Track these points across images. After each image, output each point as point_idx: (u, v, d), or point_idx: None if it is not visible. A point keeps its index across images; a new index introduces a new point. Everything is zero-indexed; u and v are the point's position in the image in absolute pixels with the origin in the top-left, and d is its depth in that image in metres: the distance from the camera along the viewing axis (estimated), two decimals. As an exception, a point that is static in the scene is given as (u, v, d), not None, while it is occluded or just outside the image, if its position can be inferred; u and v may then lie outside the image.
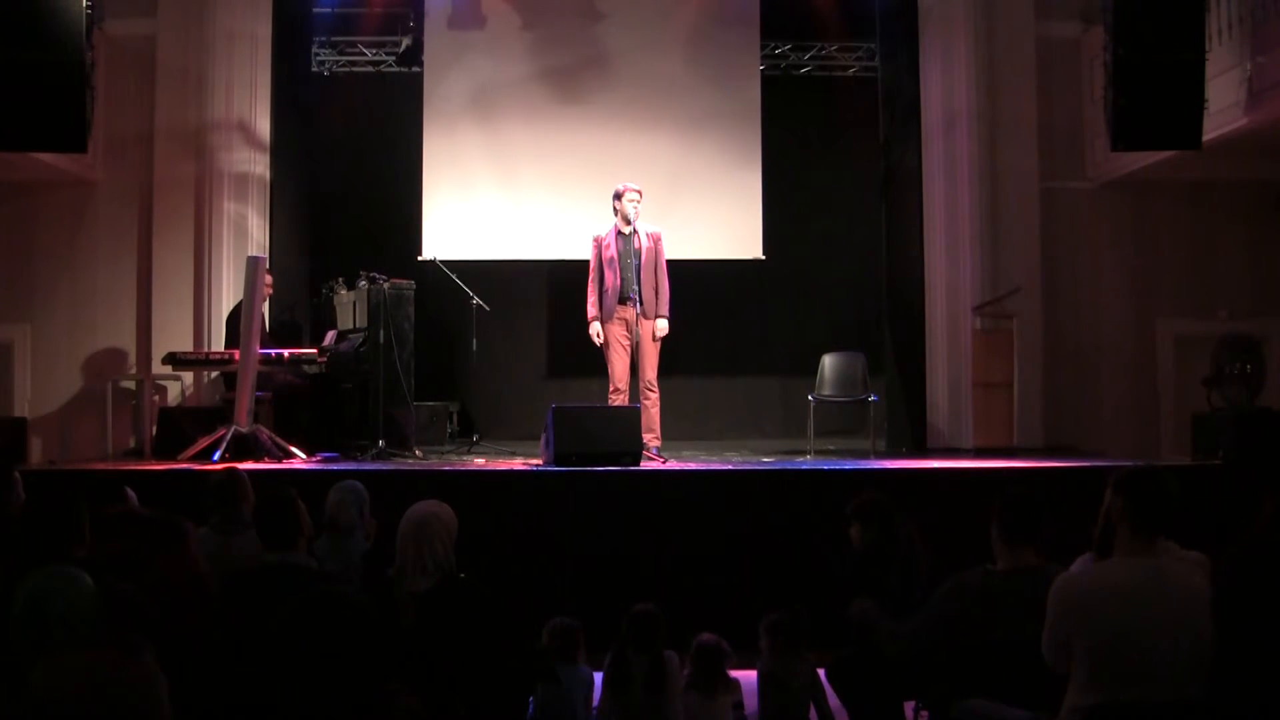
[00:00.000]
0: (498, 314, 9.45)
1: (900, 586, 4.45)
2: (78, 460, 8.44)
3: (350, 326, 8.71)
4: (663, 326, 7.92)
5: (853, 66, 10.65)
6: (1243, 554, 3.80)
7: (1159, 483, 3.30)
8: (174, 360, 8.10)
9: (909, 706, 4.48)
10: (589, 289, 8.00)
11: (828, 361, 8.89)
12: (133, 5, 9.27)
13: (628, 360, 7.91)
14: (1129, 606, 3.09)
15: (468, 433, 9.61)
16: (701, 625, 4.69)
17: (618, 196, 7.94)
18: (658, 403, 7.92)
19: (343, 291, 8.96)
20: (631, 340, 7.88)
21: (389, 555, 4.18)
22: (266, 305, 8.34)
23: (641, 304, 7.86)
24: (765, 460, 8.01)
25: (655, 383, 7.94)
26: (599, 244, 7.99)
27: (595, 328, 7.94)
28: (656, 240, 7.97)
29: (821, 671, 4.65)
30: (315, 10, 10.17)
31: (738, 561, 6.42)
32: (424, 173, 10.03)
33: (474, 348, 8.86)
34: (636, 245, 7.89)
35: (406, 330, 8.29)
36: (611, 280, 7.87)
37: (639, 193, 7.93)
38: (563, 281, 10.21)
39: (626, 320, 7.87)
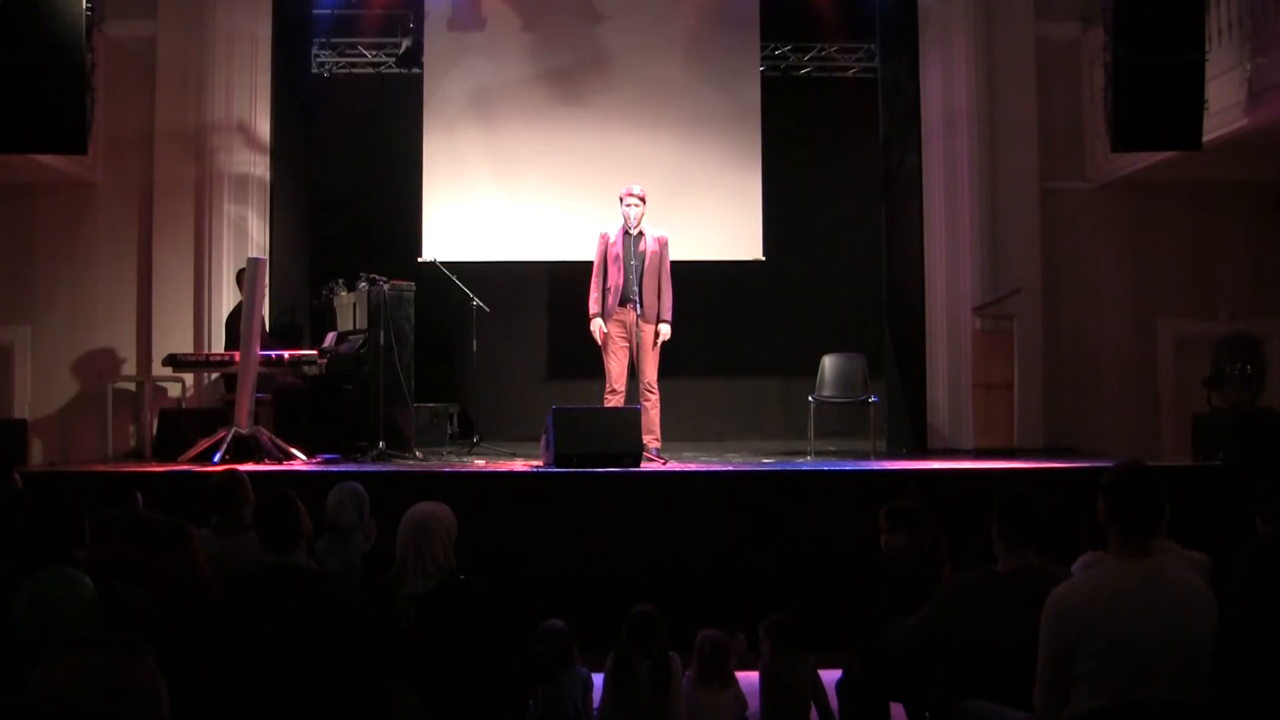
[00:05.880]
0: (498, 315, 9.45)
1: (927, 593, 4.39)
2: (78, 462, 8.45)
3: (350, 328, 8.71)
4: (665, 331, 7.90)
5: (853, 67, 10.65)
6: (1252, 554, 3.80)
7: (1142, 483, 3.21)
8: (174, 362, 8.10)
9: (906, 710, 4.47)
10: (592, 285, 7.99)
11: (828, 362, 8.89)
12: (133, 6, 9.27)
13: (625, 361, 7.91)
14: (1126, 610, 3.07)
15: (468, 434, 9.60)
16: (701, 625, 4.69)
17: (620, 199, 7.94)
18: (657, 404, 7.92)
19: (343, 293, 8.96)
20: (630, 342, 7.88)
21: (389, 556, 4.18)
22: (266, 306, 8.34)
23: (642, 307, 7.85)
24: (765, 461, 8.02)
25: (655, 384, 7.93)
26: (605, 241, 7.97)
27: (596, 324, 7.94)
28: (663, 244, 7.95)
29: (824, 674, 4.64)
30: (315, 11, 10.16)
31: (738, 562, 6.42)
32: (424, 173, 10.03)
33: (474, 349, 8.86)
34: (641, 248, 7.88)
35: (407, 331, 8.29)
36: (615, 279, 7.87)
37: (638, 198, 7.89)
38: (563, 282, 10.22)
39: (625, 322, 7.86)
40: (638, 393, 7.92)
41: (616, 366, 7.90)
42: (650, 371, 7.91)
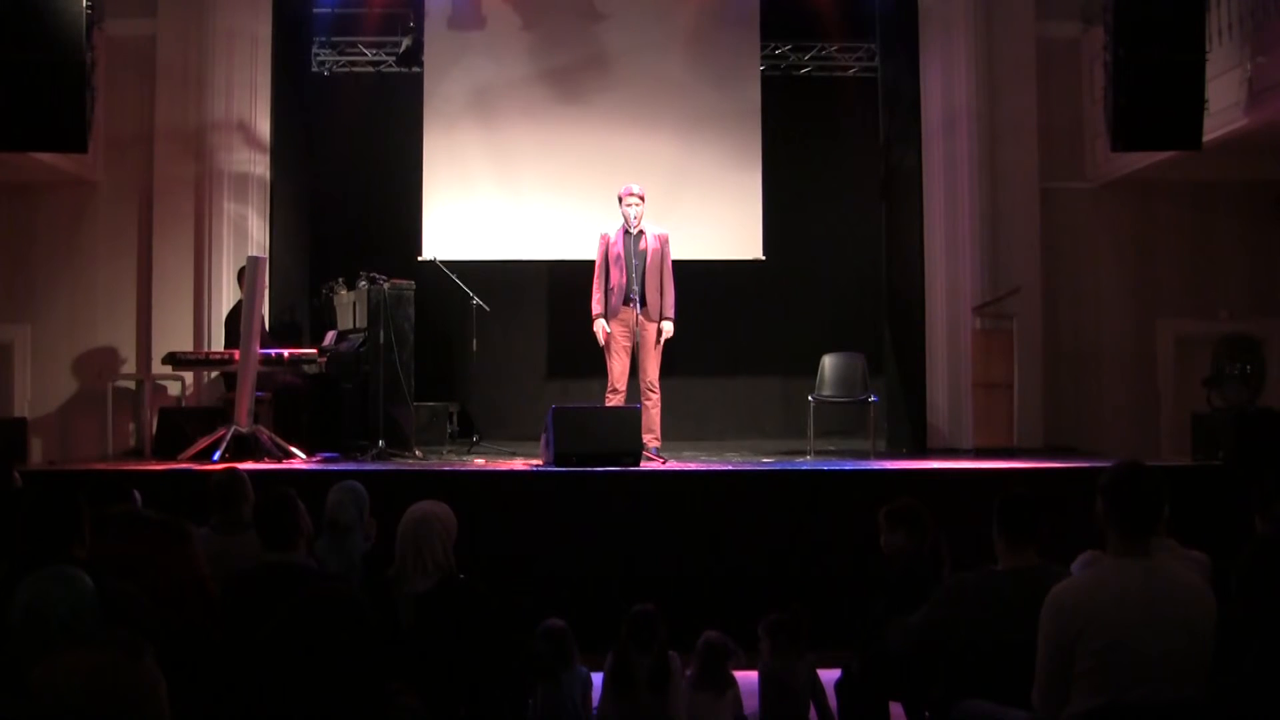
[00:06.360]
0: (498, 314, 9.45)
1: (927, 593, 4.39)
2: (78, 460, 8.44)
3: (350, 327, 8.71)
4: (668, 328, 7.92)
5: (853, 67, 10.65)
6: (1252, 554, 3.80)
7: (1140, 483, 3.22)
8: (174, 360, 8.11)
9: (906, 709, 4.47)
10: (594, 286, 8.00)
11: (828, 362, 8.89)
12: (133, 5, 9.27)
13: (627, 361, 7.91)
14: (1124, 609, 3.07)
15: (467, 433, 9.61)
16: (701, 625, 4.69)
17: (619, 200, 7.96)
18: (658, 404, 7.93)
19: (343, 292, 8.96)
20: (632, 341, 7.89)
21: (389, 555, 4.18)
22: (266, 305, 8.34)
23: (644, 305, 7.86)
24: (765, 461, 8.01)
25: (656, 384, 7.94)
26: (605, 242, 7.99)
27: (600, 324, 7.94)
28: (664, 242, 7.97)
29: (823, 674, 4.64)
30: (315, 10, 10.15)
31: (737, 561, 6.42)
32: (424, 173, 10.03)
33: (474, 348, 8.86)
34: (642, 246, 7.90)
35: (406, 330, 8.30)
36: (617, 279, 7.87)
37: (638, 197, 7.92)
38: (563, 281, 10.22)
39: (628, 321, 7.87)
40: (639, 392, 7.92)
41: (618, 366, 7.91)
42: (652, 370, 7.91)
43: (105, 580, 3.10)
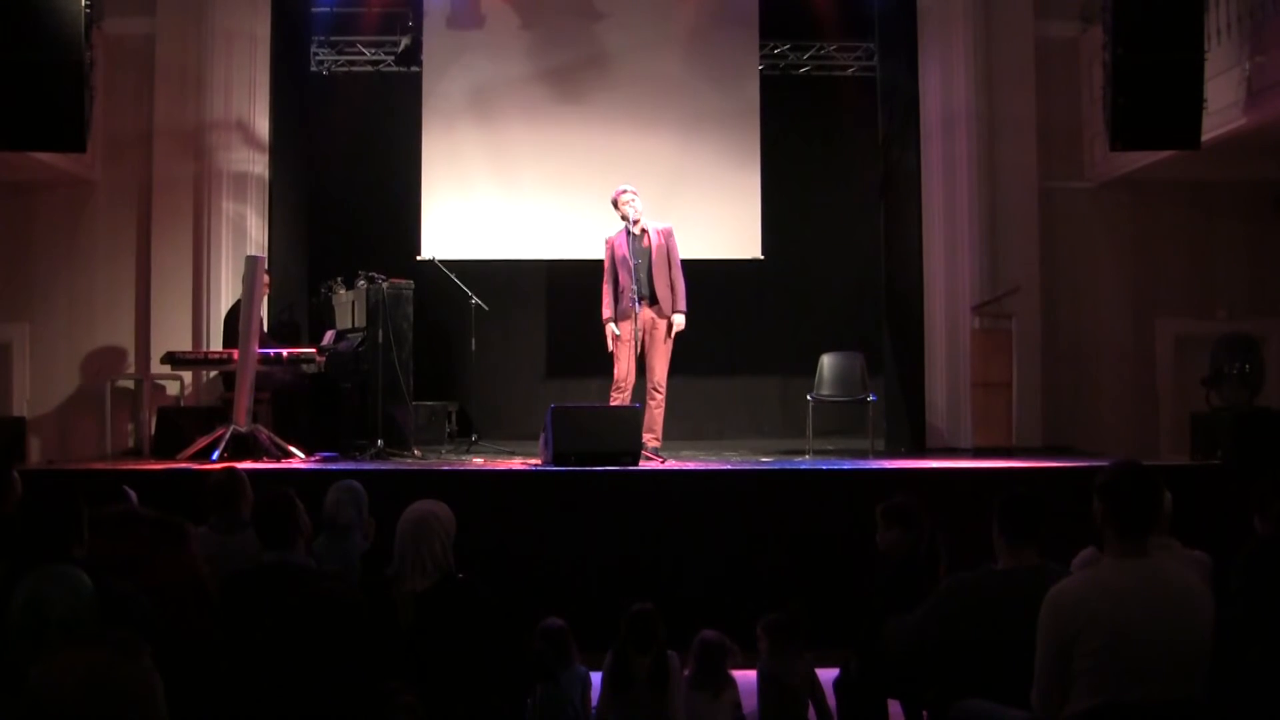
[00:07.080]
0: (497, 314, 9.45)
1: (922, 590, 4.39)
2: (76, 460, 8.44)
3: (349, 326, 8.71)
4: (679, 321, 7.93)
5: (851, 66, 10.65)
6: (1252, 554, 3.80)
7: (1137, 482, 3.22)
8: (173, 360, 8.10)
9: (904, 708, 4.47)
10: (604, 289, 8.00)
11: (827, 361, 8.89)
12: (132, 5, 9.26)
13: (634, 360, 7.90)
14: (1122, 608, 3.07)
15: (466, 432, 9.60)
16: (700, 625, 4.69)
17: (614, 203, 7.96)
18: (663, 404, 7.92)
19: (341, 291, 8.96)
20: (641, 340, 7.88)
21: (388, 555, 4.18)
22: (265, 304, 8.33)
23: (655, 303, 7.88)
24: (764, 460, 8.01)
25: (664, 384, 7.93)
26: (610, 245, 8.00)
27: (610, 328, 7.94)
28: (667, 235, 7.97)
29: (822, 673, 4.64)
30: (314, 10, 10.14)
31: (736, 561, 6.42)
32: (423, 173, 10.03)
33: (473, 347, 8.86)
34: (646, 243, 7.90)
35: (405, 330, 8.30)
36: (625, 280, 7.87)
37: (634, 193, 7.93)
38: (562, 281, 10.23)
39: (638, 319, 7.87)
40: (643, 391, 7.91)
41: (625, 365, 7.90)
42: (660, 369, 7.91)
43: (104, 579, 3.10)
